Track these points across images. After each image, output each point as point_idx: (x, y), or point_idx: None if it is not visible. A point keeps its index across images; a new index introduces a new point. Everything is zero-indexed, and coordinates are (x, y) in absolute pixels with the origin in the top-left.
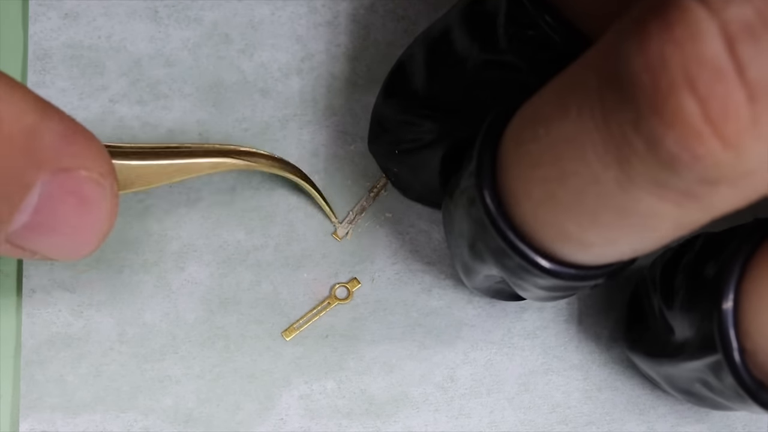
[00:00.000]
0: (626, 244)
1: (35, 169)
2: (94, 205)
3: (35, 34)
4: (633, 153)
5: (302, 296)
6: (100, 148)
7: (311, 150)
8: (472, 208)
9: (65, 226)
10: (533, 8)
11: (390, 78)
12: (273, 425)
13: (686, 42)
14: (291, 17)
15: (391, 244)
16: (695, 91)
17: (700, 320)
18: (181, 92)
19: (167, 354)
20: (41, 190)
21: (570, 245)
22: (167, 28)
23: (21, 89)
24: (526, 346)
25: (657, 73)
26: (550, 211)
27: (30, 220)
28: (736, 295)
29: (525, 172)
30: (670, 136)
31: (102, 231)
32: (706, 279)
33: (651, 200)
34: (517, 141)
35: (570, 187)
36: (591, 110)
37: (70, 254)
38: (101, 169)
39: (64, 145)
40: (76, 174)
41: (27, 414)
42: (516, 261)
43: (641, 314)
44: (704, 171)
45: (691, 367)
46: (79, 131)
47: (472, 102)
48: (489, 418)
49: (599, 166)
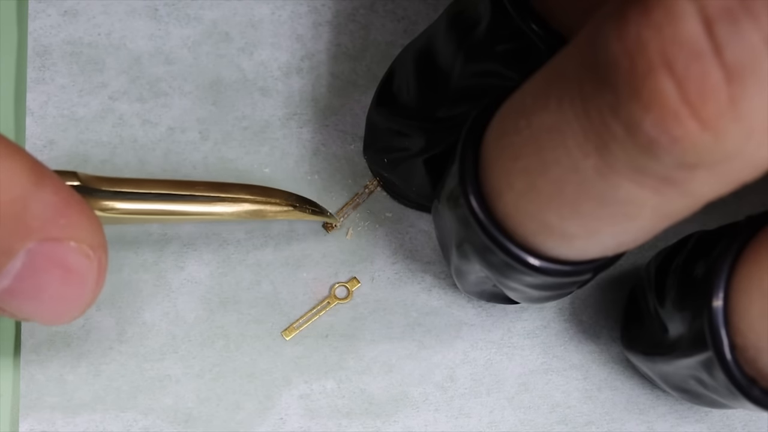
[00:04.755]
0: (608, 235)
1: (20, 237)
2: (80, 277)
3: (35, 30)
4: (612, 139)
5: (302, 296)
6: (93, 219)
7: (311, 149)
8: (457, 207)
9: (47, 295)
10: (519, 17)
11: (381, 86)
12: (273, 425)
13: (664, 24)
14: (291, 16)
15: (391, 244)
16: (673, 72)
17: (691, 318)
18: (181, 90)
19: (167, 353)
20: (25, 258)
21: (552, 238)
22: (167, 26)
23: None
24: (526, 346)
25: (635, 56)
26: (531, 202)
27: (11, 286)
28: (726, 292)
29: (507, 164)
30: (648, 119)
31: (85, 302)
32: (696, 277)
33: (630, 187)
34: (499, 134)
35: (551, 176)
36: (571, 99)
37: (51, 320)
38: (92, 241)
39: (55, 215)
40: (64, 244)
41: (27, 414)
42: (500, 257)
43: (638, 314)
44: (682, 154)
45: (685, 365)
46: (73, 202)
47: (461, 111)
48: (489, 417)
49: (579, 154)
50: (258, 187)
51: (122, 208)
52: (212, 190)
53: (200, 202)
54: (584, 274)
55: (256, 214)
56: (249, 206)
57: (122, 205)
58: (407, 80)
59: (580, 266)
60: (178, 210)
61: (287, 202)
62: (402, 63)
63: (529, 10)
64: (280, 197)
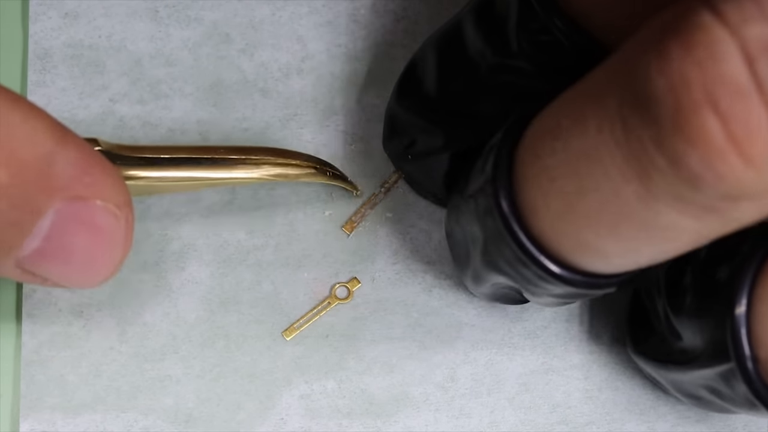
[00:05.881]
0: (645, 254)
1: (48, 196)
2: (108, 235)
3: (35, 33)
4: (655, 169)
5: (302, 296)
6: (117, 178)
7: (311, 150)
8: (487, 218)
9: (77, 255)
10: (543, 12)
11: (403, 77)
12: (273, 425)
13: (707, 62)
14: (291, 17)
15: (391, 244)
16: (717, 110)
17: (711, 328)
18: (181, 92)
19: (167, 354)
20: (53, 217)
21: (589, 255)
22: (168, 28)
23: (40, 116)
24: (526, 346)
25: (679, 93)
26: (569, 223)
27: (40, 247)
28: (748, 302)
29: (543, 185)
30: (693, 155)
31: (115, 262)
32: (715, 286)
33: (672, 214)
34: (535, 154)
35: (590, 200)
36: (611, 126)
37: (82, 283)
38: (117, 199)
39: (80, 174)
40: (90, 203)
41: (27, 414)
42: (534, 270)
43: (644, 317)
44: (727, 188)
45: (701, 375)
46: (96, 161)
47: (485, 107)
48: (489, 418)
49: (620, 180)
50: (278, 150)
51: (145, 176)
52: (233, 153)
53: (222, 167)
54: (613, 286)
55: (278, 176)
56: (271, 168)
57: (145, 173)
58: (430, 71)
59: (612, 278)
60: (200, 176)
61: (308, 164)
62: (424, 54)
63: (555, 7)
64: (301, 159)
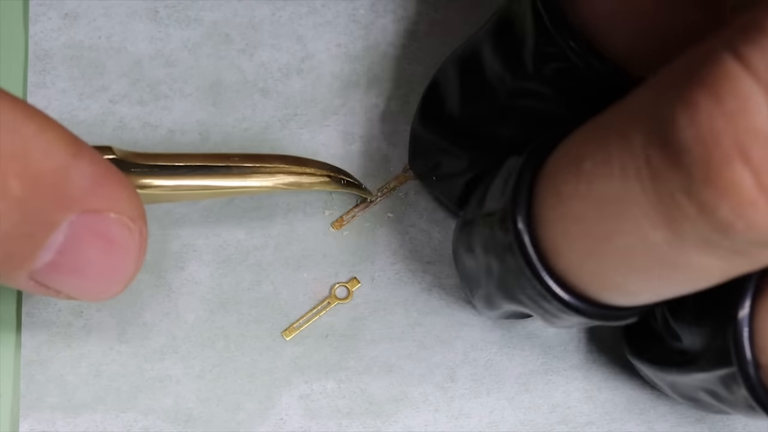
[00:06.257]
0: (673, 291)
1: (62, 209)
2: (122, 248)
3: (35, 34)
4: (684, 217)
5: (302, 296)
6: (131, 190)
7: (311, 150)
8: (506, 254)
9: (90, 268)
10: (558, 35)
11: (425, 97)
12: (273, 425)
13: (737, 113)
14: (291, 17)
15: (391, 244)
16: (749, 162)
17: (712, 332)
18: (181, 92)
19: (167, 354)
20: (67, 230)
21: (615, 294)
22: (167, 29)
23: (55, 128)
24: (526, 346)
25: (710, 145)
26: (596, 264)
27: (54, 260)
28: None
29: (567, 227)
30: (724, 206)
31: (128, 275)
32: (719, 287)
33: (701, 257)
34: (556, 196)
35: (617, 244)
36: (637, 171)
37: (95, 296)
38: (131, 212)
39: (94, 186)
40: (104, 216)
41: (27, 414)
42: (556, 305)
43: (642, 319)
44: (758, 237)
45: (700, 378)
46: (111, 173)
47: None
48: (489, 418)
49: (648, 225)
50: (292, 158)
51: (159, 185)
52: (247, 161)
53: (236, 176)
54: (636, 316)
55: (292, 185)
56: (285, 177)
57: (159, 182)
58: (451, 92)
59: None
60: (214, 185)
61: (322, 172)
62: (445, 74)
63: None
64: (315, 167)
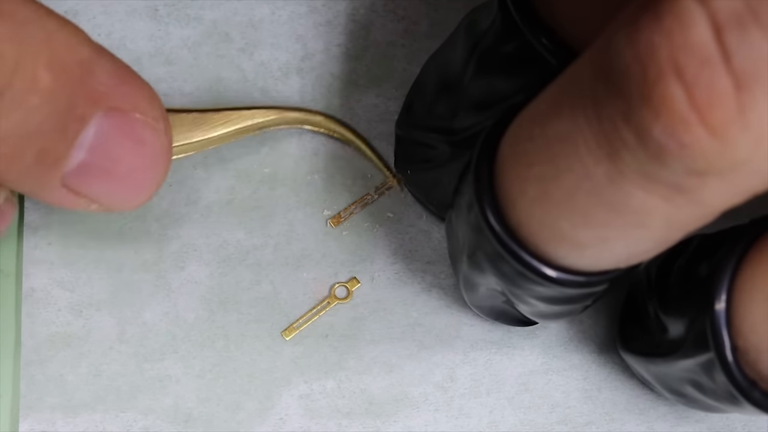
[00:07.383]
0: (619, 244)
1: (91, 103)
2: (150, 147)
3: None
4: (623, 145)
5: (302, 296)
6: (152, 92)
7: (311, 149)
8: (470, 214)
9: (121, 168)
10: (526, 28)
11: (408, 95)
12: (273, 425)
13: (674, 30)
14: (291, 16)
15: (391, 244)
16: (682, 78)
17: (693, 319)
18: (181, 91)
19: (167, 353)
20: (96, 127)
21: (564, 247)
22: (167, 27)
23: (73, 25)
24: (526, 346)
25: (646, 62)
26: (544, 209)
27: (85, 160)
28: (728, 293)
29: (521, 171)
30: (657, 125)
31: (158, 175)
32: (699, 279)
33: (641, 195)
34: (514, 142)
35: (563, 183)
36: (584, 107)
37: (126, 201)
38: (154, 113)
39: (118, 84)
40: (130, 116)
41: (27, 414)
42: (513, 266)
43: (635, 315)
44: (691, 161)
45: (684, 366)
46: (132, 74)
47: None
48: (489, 417)
49: (591, 160)
50: None
51: None
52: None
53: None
54: (596, 286)
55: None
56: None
57: None
58: (427, 89)
59: (592, 277)
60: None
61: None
62: (425, 72)
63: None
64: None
